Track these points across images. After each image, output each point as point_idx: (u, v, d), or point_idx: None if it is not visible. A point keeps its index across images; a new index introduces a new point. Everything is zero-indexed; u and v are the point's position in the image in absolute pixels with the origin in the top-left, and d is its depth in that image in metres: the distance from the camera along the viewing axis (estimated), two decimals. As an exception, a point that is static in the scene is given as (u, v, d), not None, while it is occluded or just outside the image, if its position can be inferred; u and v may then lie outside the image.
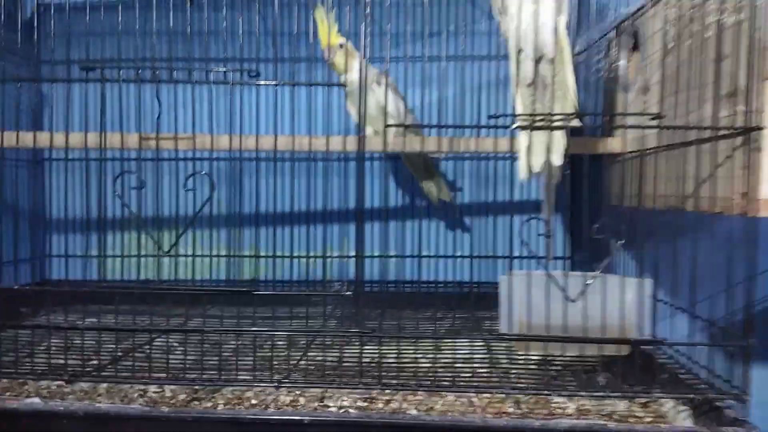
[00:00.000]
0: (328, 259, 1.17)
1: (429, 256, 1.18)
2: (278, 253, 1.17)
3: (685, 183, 0.75)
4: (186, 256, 1.16)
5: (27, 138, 0.90)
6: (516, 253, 1.02)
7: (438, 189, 1.09)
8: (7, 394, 0.67)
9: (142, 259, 0.85)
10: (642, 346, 0.70)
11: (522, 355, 0.74)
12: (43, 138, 0.90)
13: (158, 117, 0.76)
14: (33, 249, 1.20)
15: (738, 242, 0.65)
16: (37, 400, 0.64)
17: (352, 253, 1.18)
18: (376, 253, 1.16)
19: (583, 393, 0.66)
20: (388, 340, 0.81)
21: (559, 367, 0.73)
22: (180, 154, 1.12)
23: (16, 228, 1.12)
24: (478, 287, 1.11)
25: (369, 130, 0.95)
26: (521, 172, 0.69)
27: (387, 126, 0.72)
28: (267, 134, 0.91)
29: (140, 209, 0.83)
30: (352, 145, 0.91)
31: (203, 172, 0.78)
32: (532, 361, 0.77)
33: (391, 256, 1.15)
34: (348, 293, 1.09)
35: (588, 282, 0.62)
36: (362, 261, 1.00)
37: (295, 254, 1.16)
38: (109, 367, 0.73)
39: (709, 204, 0.70)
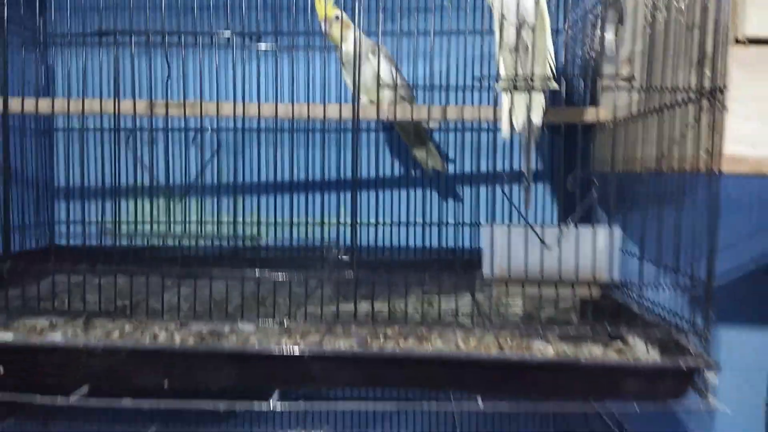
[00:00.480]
0: (326, 226, 1.23)
1: (420, 224, 1.23)
2: (279, 220, 1.22)
3: (658, 146, 0.80)
4: (190, 222, 1.21)
5: (43, 104, 0.95)
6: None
7: (430, 157, 1.14)
8: (30, 332, 0.73)
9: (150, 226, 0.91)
10: (612, 293, 0.76)
11: (505, 304, 0.80)
12: (57, 104, 0.95)
13: (167, 78, 0.81)
14: (42, 216, 1.25)
15: (704, 202, 0.70)
16: (58, 337, 0.70)
17: (349, 220, 1.24)
18: (371, 221, 1.21)
19: (557, 331, 0.72)
20: (381, 299, 0.87)
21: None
22: (186, 124, 1.17)
23: (29, 195, 1.18)
24: (470, 253, 1.17)
25: (364, 99, 1.00)
26: (504, 130, 0.75)
27: (379, 85, 0.77)
28: (268, 102, 0.96)
29: (150, 175, 0.89)
30: (348, 112, 0.96)
31: (208, 130, 0.83)
32: (514, 312, 0.83)
33: (384, 224, 1.21)
34: (344, 257, 1.15)
35: (562, 231, 0.67)
36: (357, 228, 1.06)
37: (295, 221, 1.21)
38: (125, 311, 0.79)
39: (679, 163, 0.75)
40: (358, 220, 0.97)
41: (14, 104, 0.92)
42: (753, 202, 1.23)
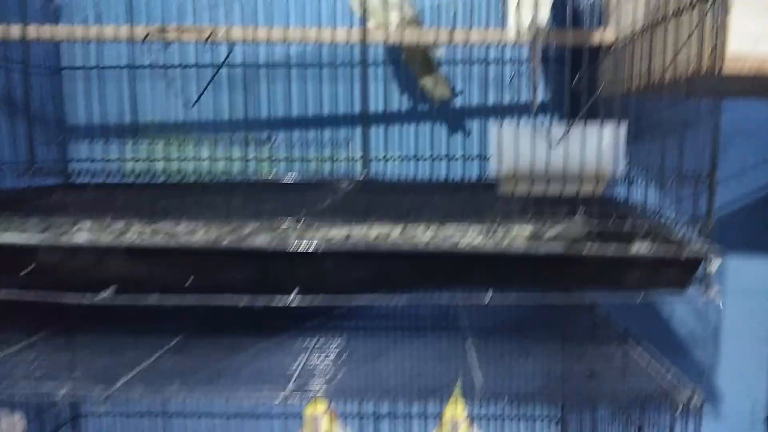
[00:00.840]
0: (336, 161, 1.26)
1: (428, 158, 1.25)
2: (290, 156, 1.25)
3: (662, 56, 0.82)
4: (202, 159, 1.24)
5: (60, 32, 0.97)
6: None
7: (438, 86, 1.15)
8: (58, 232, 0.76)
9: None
10: (615, 191, 0.78)
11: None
12: (68, 31, 0.98)
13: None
14: (56, 154, 1.27)
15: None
16: (85, 236, 0.73)
17: (358, 155, 1.26)
18: (379, 155, 1.23)
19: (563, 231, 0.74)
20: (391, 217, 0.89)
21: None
22: (199, 60, 1.19)
23: (42, 133, 1.20)
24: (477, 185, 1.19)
25: (372, 23, 1.01)
26: (511, 31, 0.76)
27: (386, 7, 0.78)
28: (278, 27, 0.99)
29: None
30: (356, 36, 0.98)
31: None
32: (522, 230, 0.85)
33: (393, 159, 1.23)
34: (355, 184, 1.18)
35: (569, 128, 0.69)
36: (368, 161, 1.09)
37: (305, 156, 1.24)
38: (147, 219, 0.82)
39: (683, 69, 0.77)
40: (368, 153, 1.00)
41: (31, 31, 0.95)
42: (760, 130, 1.24)
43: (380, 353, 0.94)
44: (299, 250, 0.69)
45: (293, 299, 0.70)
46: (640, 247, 0.70)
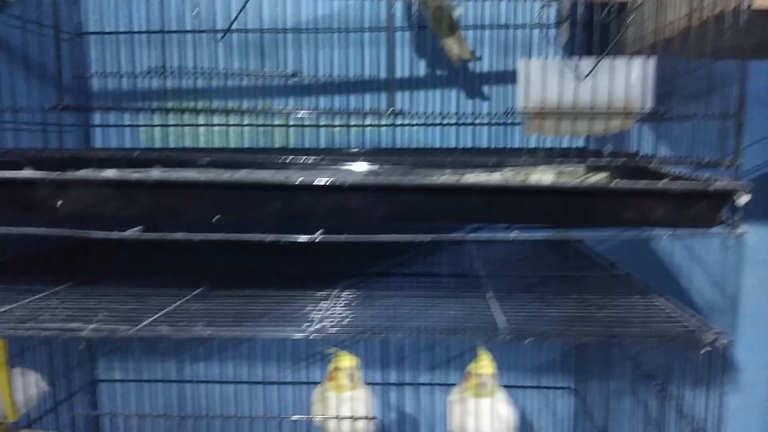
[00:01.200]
0: (359, 129, 1.26)
1: (450, 124, 1.25)
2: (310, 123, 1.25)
3: (689, 2, 0.81)
4: (220, 125, 1.25)
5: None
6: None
7: (459, 46, 1.16)
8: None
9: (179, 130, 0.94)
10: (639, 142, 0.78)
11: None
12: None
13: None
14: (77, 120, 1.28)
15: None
16: (111, 172, 0.74)
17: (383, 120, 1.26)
18: (404, 121, 1.24)
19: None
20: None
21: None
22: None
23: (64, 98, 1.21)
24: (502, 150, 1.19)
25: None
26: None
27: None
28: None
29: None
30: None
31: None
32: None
33: (418, 124, 1.24)
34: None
35: (596, 63, 0.69)
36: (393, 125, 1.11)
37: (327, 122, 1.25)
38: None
39: (710, 10, 0.76)
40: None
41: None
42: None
43: (402, 304, 0.94)
44: (326, 184, 0.70)
45: (318, 237, 0.70)
46: (668, 182, 0.70)
